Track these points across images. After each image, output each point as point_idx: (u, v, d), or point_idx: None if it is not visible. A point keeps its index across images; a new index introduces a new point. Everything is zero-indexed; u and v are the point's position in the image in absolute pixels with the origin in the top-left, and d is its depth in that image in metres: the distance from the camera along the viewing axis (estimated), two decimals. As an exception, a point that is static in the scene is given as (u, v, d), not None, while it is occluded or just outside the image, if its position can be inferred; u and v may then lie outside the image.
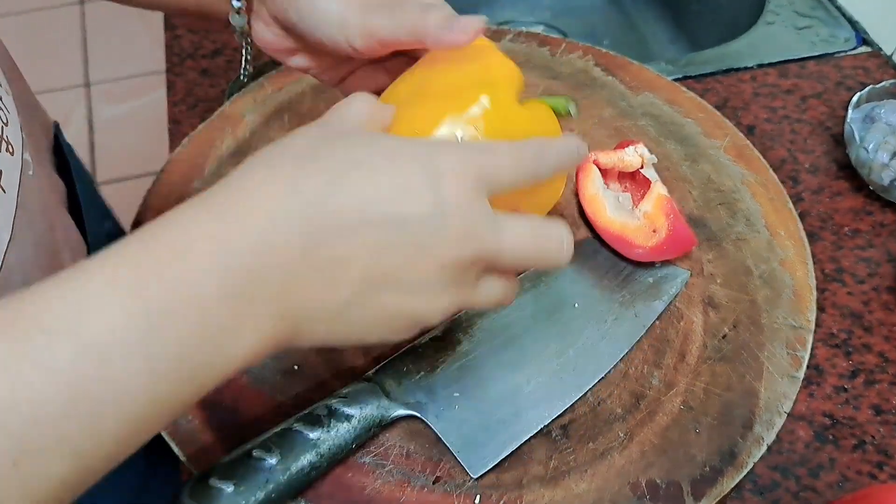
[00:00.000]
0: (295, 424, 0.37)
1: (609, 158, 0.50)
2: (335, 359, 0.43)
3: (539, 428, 0.40)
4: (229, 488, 0.34)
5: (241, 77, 0.43)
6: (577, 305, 0.45)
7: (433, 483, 0.39)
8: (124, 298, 0.22)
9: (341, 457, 0.38)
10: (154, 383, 0.23)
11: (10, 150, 0.37)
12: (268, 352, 0.26)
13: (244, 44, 0.41)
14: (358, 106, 0.31)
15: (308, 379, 0.42)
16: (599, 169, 0.50)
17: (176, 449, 0.39)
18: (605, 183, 0.50)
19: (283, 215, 0.25)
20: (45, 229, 0.40)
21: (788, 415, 0.41)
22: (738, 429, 0.40)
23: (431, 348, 0.43)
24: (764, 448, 0.40)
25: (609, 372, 0.42)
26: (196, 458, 0.39)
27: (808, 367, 0.43)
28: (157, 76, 1.73)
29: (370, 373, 0.41)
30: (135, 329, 0.22)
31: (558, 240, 0.31)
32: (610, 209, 0.49)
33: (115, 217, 0.62)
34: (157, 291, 0.23)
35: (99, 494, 0.46)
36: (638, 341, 0.44)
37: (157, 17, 0.74)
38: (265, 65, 0.63)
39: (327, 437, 0.37)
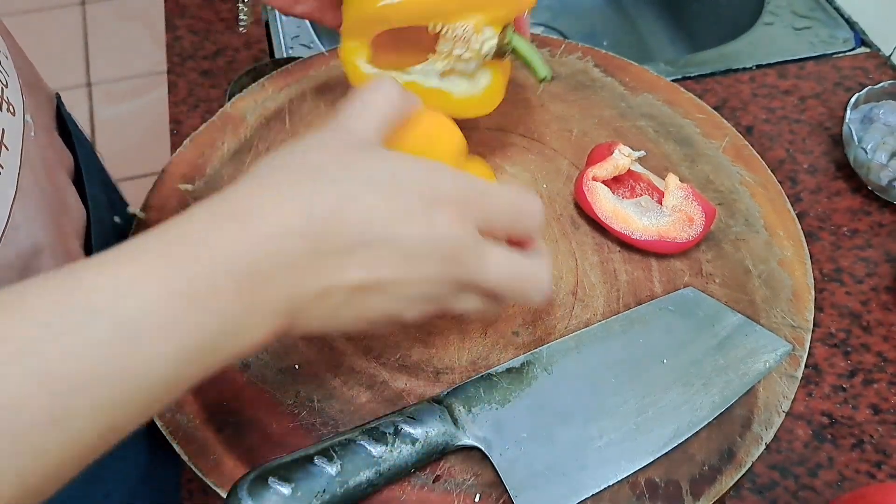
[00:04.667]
0: (359, 437, 0.36)
1: (604, 169, 0.49)
2: (335, 358, 0.43)
3: (602, 488, 0.38)
4: (286, 490, 0.34)
5: (240, 28, 0.44)
6: (665, 362, 0.42)
7: (433, 482, 0.39)
8: (157, 288, 0.26)
9: (398, 478, 0.38)
10: (174, 364, 0.26)
11: (12, 110, 0.37)
12: (267, 342, 0.29)
13: None
14: (378, 103, 0.33)
15: (308, 378, 0.42)
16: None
17: (177, 447, 0.39)
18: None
19: (298, 230, 0.29)
20: (49, 189, 0.40)
21: (787, 414, 0.41)
22: (737, 428, 0.40)
23: (506, 379, 0.41)
24: (762, 447, 0.40)
25: (686, 440, 0.40)
26: (196, 457, 0.39)
27: (806, 366, 0.44)
28: (158, 76, 1.73)
29: (441, 394, 0.41)
30: (163, 314, 0.25)
31: (537, 281, 0.33)
32: (637, 216, 0.48)
33: (118, 188, 0.62)
34: (181, 285, 0.26)
35: (105, 482, 0.46)
36: (721, 414, 0.40)
37: (159, 18, 0.74)
38: (265, 65, 0.64)
39: (389, 457, 0.37)
